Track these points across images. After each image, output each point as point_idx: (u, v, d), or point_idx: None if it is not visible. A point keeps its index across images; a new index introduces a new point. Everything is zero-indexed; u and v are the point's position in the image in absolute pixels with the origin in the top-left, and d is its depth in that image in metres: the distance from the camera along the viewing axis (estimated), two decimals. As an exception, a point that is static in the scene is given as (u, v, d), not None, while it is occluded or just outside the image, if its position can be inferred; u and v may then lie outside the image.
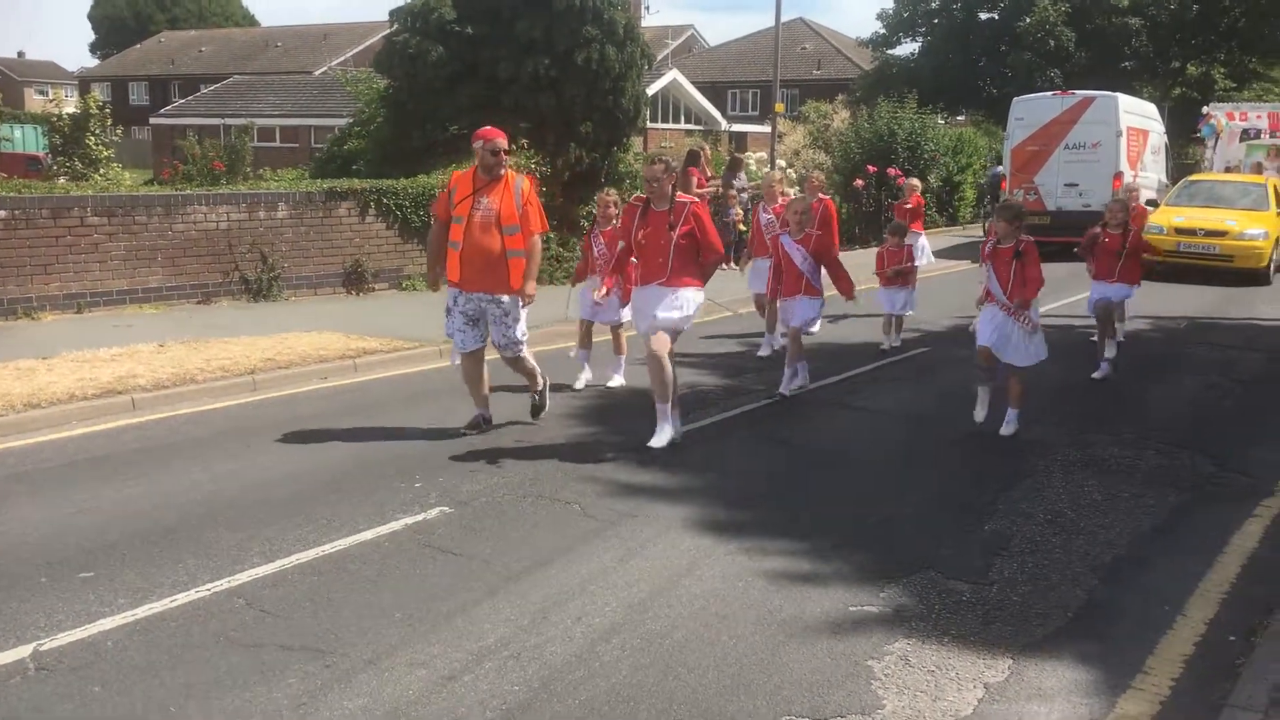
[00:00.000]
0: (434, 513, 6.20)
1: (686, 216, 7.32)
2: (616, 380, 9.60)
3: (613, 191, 9.79)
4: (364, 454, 7.36)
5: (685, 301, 7.41)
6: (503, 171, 7.63)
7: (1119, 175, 20.01)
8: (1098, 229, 10.63)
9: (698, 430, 8.22)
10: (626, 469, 7.14)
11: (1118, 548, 5.94)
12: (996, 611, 5.06)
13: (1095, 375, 10.21)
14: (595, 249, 9.43)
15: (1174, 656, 4.69)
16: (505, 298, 7.65)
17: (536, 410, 8.20)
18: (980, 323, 8.29)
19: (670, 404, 7.48)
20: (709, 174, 19.15)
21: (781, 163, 22.82)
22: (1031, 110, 21.56)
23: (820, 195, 11.30)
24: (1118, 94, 21.96)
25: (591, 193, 17.01)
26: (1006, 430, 8.15)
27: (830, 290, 9.49)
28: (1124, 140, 20.62)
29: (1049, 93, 23.07)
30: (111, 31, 77.68)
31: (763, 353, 11.08)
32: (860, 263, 14.79)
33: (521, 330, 7.81)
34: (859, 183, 22.88)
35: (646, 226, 7.40)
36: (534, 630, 4.75)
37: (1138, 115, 22.32)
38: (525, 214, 7.62)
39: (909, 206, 14.67)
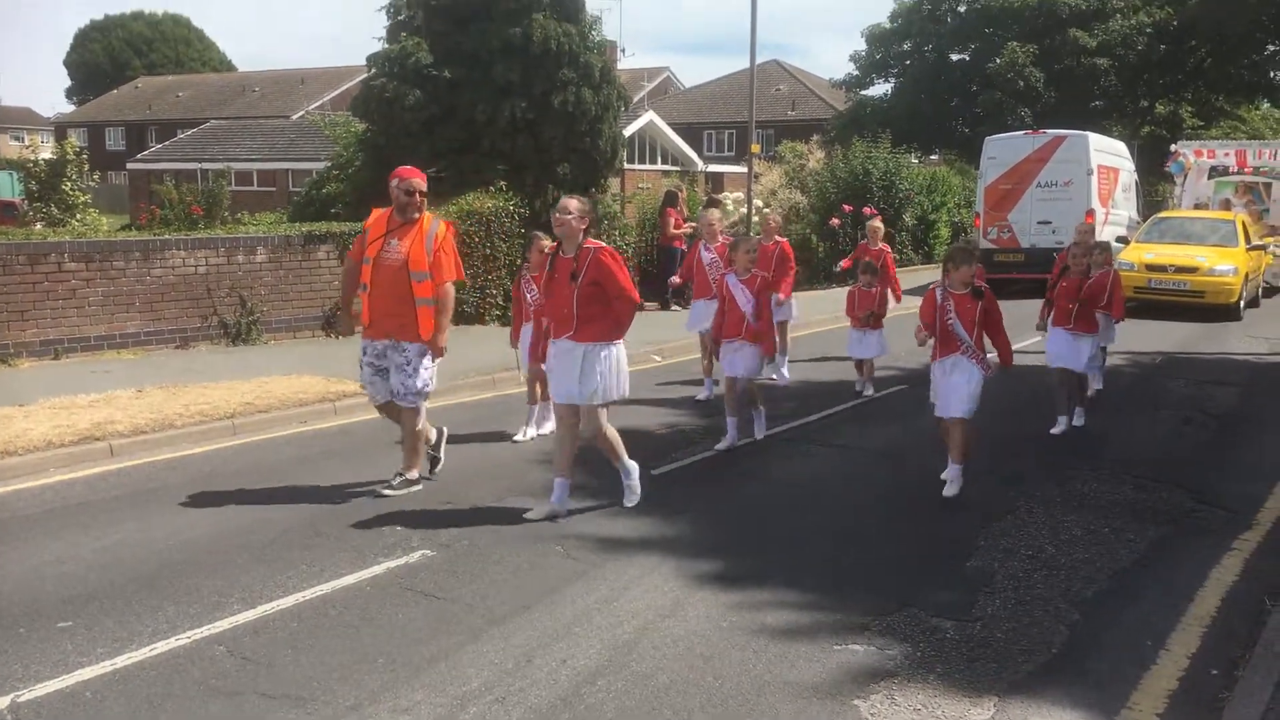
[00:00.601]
0: (416, 556, 6.17)
1: (589, 265, 6.65)
2: (526, 433, 9.16)
3: (544, 235, 9.10)
4: (345, 497, 7.32)
5: (604, 365, 6.77)
6: (417, 214, 7.22)
7: (1091, 212, 20.26)
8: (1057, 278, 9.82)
9: (679, 470, 8.24)
10: (608, 510, 7.13)
11: (1099, 583, 5.97)
12: (981, 649, 5.07)
13: (1054, 430, 9.49)
14: (528, 295, 9.00)
15: (1158, 691, 4.70)
16: (408, 345, 7.22)
17: (399, 484, 7.47)
18: (939, 385, 7.70)
19: (625, 463, 7.16)
20: (686, 214, 19.28)
21: (758, 202, 22.98)
22: (1003, 149, 21.80)
23: (776, 237, 10.98)
24: (1088, 133, 22.26)
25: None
26: (951, 491, 7.57)
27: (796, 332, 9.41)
28: (1095, 178, 20.89)
29: (1021, 132, 23.39)
30: (88, 77, 77.84)
31: (700, 396, 10.79)
32: (837, 300, 14.87)
33: (423, 381, 7.32)
34: (835, 221, 23.06)
35: (554, 274, 6.83)
36: (518, 674, 4.73)
37: (1108, 153, 22.63)
38: (436, 260, 7.17)
39: (878, 251, 13.44)
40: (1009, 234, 21.26)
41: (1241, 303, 18.03)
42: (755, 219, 21.51)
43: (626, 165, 21.55)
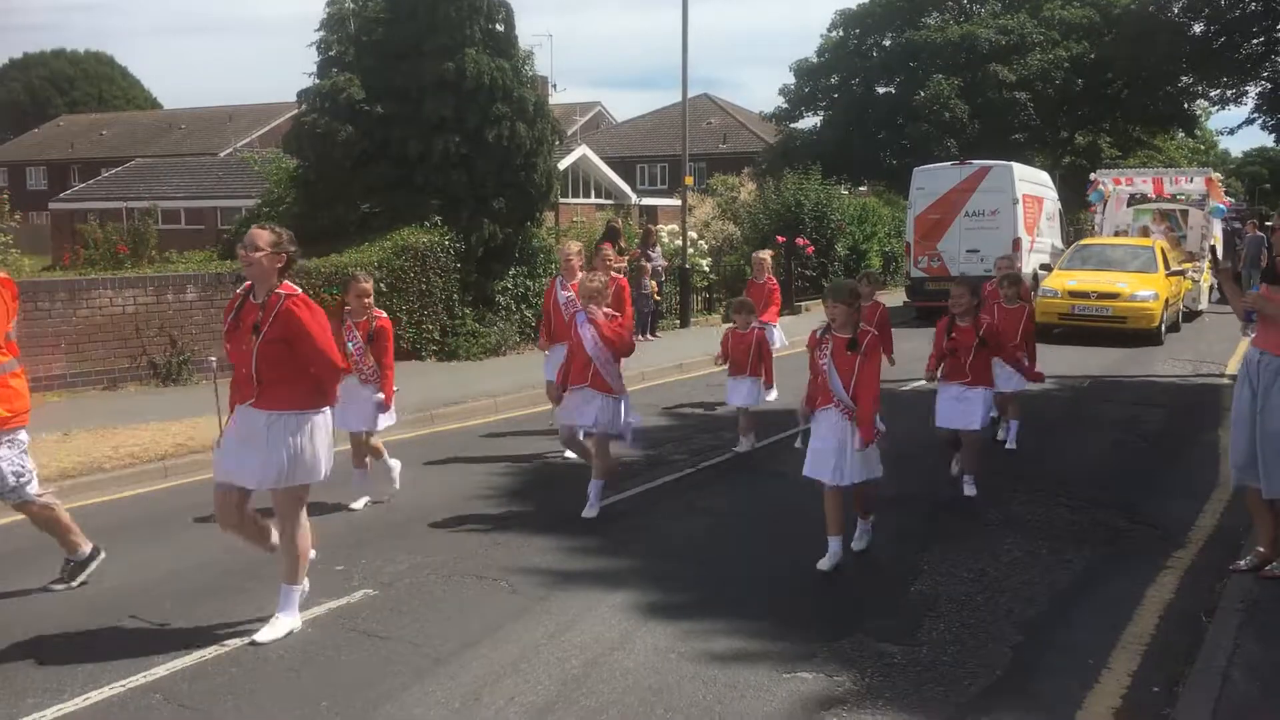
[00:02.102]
0: (358, 596, 6.07)
1: (277, 317, 5.33)
2: (360, 502, 8.05)
3: (364, 275, 8.13)
4: (282, 539, 7.17)
5: (295, 441, 5.41)
6: None
7: (1017, 240, 20.74)
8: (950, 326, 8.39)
9: (622, 501, 8.20)
10: (552, 544, 7.08)
11: (1040, 604, 6.04)
12: (928, 672, 5.10)
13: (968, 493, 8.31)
14: (351, 344, 7.79)
15: (1102, 710, 4.77)
16: None
17: (68, 574, 6.27)
18: (813, 445, 6.66)
19: (299, 584, 5.66)
20: (621, 246, 19.26)
21: (693, 234, 23.08)
22: (932, 179, 22.28)
23: (612, 274, 9.70)
24: (1012, 163, 22.79)
25: (506, 268, 17.07)
26: (859, 545, 6.93)
27: (643, 384, 8.86)
28: (1020, 207, 21.40)
29: (948, 163, 23.86)
30: (8, 116, 76.17)
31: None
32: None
33: (12, 472, 5.88)
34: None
35: (239, 323, 5.45)
36: (465, 712, 4.66)
37: (1032, 183, 23.19)
38: None
39: (764, 285, 11.98)
40: (939, 263, 21.67)
41: (1163, 327, 18.45)
42: (691, 250, 21.60)
43: (561, 199, 21.58)
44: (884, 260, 28.58)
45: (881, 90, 42.50)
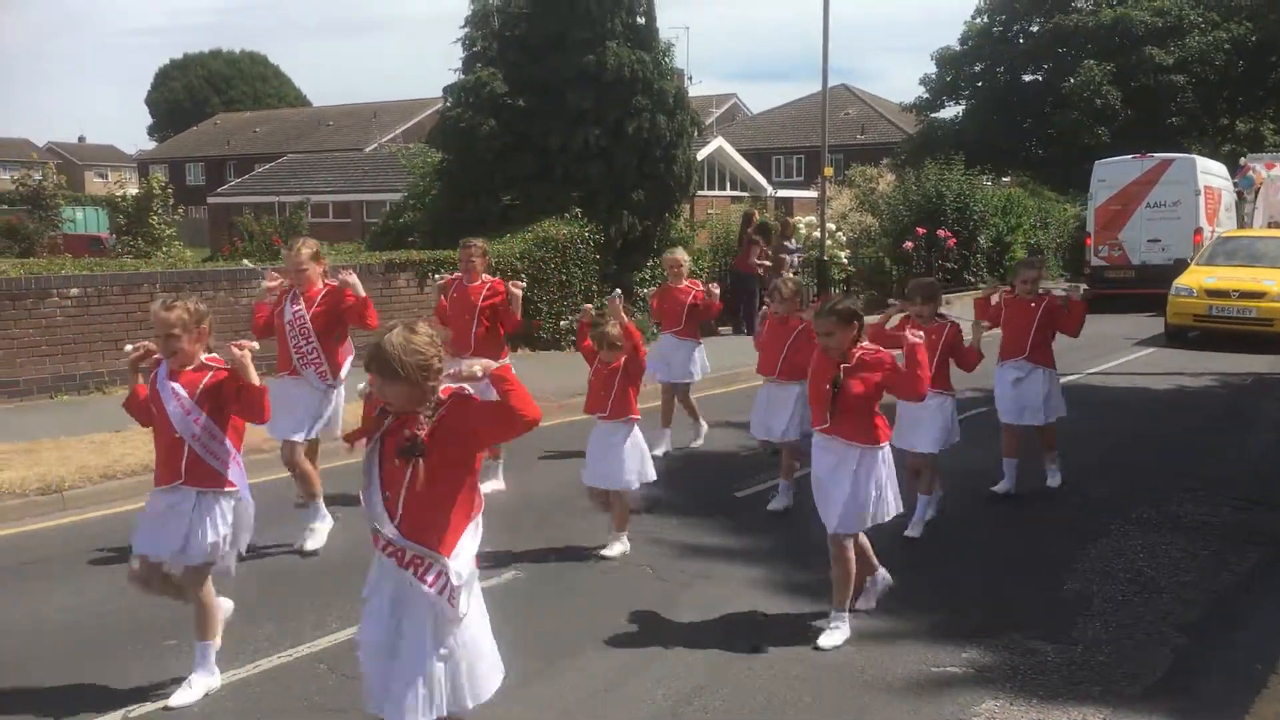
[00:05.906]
0: (508, 575, 6.23)
1: None
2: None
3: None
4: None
5: None
6: None
7: (1199, 231, 20.83)
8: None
9: (756, 494, 8.17)
10: (693, 531, 7.13)
11: (1202, 605, 5.82)
12: (1083, 671, 4.97)
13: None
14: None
15: (1270, 715, 4.58)
16: None
17: None
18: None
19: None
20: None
21: (831, 226, 22.80)
22: (1113, 172, 22.52)
23: (326, 281, 7.32)
24: (1194, 156, 22.92)
25: (645, 260, 17.16)
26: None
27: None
28: (1202, 199, 21.42)
29: (1129, 155, 23.36)
30: (169, 114, 80.00)
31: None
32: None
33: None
34: (908, 245, 22.87)
35: None
36: (615, 692, 4.73)
37: (1212, 175, 23.09)
38: None
39: (681, 292, 9.57)
40: (1120, 252, 21.94)
41: None
42: (829, 242, 21.37)
43: (697, 192, 21.58)
44: (1029, 253, 27.78)
45: (1028, 78, 41.19)
